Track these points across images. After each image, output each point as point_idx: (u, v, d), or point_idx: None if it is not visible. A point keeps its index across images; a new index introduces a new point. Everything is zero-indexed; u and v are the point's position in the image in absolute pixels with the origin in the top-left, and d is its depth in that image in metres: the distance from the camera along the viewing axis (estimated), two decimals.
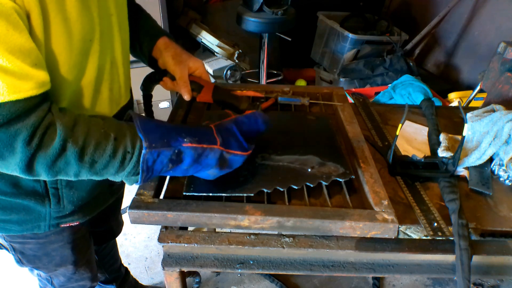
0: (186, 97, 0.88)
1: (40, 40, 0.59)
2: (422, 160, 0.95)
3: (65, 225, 0.88)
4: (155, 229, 2.01)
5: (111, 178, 0.69)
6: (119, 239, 1.63)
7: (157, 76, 0.92)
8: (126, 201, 1.02)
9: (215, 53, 2.43)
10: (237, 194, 0.78)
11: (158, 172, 0.67)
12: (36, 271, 1.05)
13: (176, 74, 0.88)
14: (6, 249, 0.95)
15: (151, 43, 0.92)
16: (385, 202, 0.77)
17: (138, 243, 1.96)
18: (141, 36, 0.93)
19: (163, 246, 0.82)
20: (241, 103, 0.88)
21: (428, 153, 1.04)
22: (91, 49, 0.70)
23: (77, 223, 0.90)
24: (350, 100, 1.33)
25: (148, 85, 0.95)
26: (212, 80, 2.45)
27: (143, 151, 0.63)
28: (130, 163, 0.65)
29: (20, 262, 0.97)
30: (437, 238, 0.79)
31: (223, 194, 0.78)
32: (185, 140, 0.66)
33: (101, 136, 0.63)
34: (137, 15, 0.95)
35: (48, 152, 0.59)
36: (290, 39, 2.56)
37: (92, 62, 0.72)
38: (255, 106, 0.84)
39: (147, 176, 0.67)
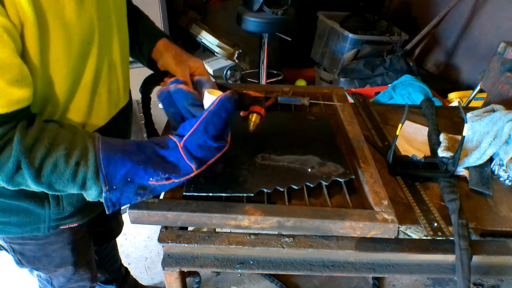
0: None
1: (33, 51, 0.58)
2: (422, 160, 0.95)
3: (64, 227, 0.88)
4: (155, 229, 2.01)
5: None
6: (119, 239, 1.63)
7: (158, 77, 0.91)
8: None
9: (215, 53, 2.43)
10: (237, 194, 0.78)
11: (128, 202, 0.67)
12: (36, 272, 1.05)
13: (178, 74, 0.88)
14: (6, 250, 0.95)
15: (151, 44, 0.92)
16: (385, 202, 0.77)
17: (138, 243, 1.96)
18: (140, 38, 0.93)
19: (163, 246, 0.82)
20: (245, 99, 0.87)
21: (428, 153, 1.04)
22: (89, 52, 0.70)
23: (76, 225, 0.90)
24: (350, 100, 1.33)
25: (148, 87, 0.94)
26: (212, 80, 2.44)
27: (104, 194, 0.62)
28: (92, 190, 0.64)
29: (19, 263, 0.97)
30: (437, 238, 0.79)
31: (223, 194, 0.78)
32: (151, 179, 0.64)
33: (61, 158, 0.60)
34: (135, 17, 0.95)
35: (4, 169, 0.59)
36: (290, 39, 2.55)
37: (90, 64, 0.71)
38: (258, 101, 0.84)
39: (115, 208, 0.66)
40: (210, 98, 0.71)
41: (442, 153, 0.97)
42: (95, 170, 0.62)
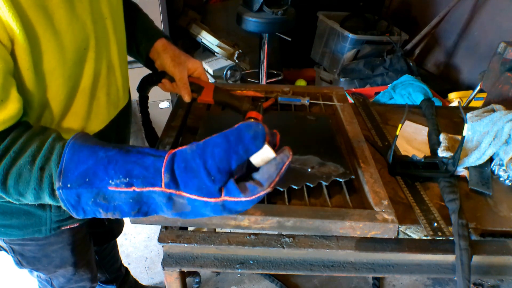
0: (186, 98, 0.87)
1: (26, 65, 0.57)
2: (422, 160, 0.95)
3: (65, 227, 0.88)
4: (155, 229, 2.01)
5: None
6: (119, 239, 1.62)
7: (155, 77, 0.90)
8: None
9: (215, 53, 2.43)
10: None
11: (97, 214, 0.54)
12: (35, 273, 1.05)
13: (176, 76, 0.87)
14: (6, 251, 0.95)
15: (149, 44, 0.90)
16: (385, 202, 0.77)
17: (138, 243, 1.96)
18: (138, 37, 0.92)
19: (163, 246, 0.82)
20: (243, 103, 0.87)
21: (428, 153, 1.04)
22: (86, 57, 0.69)
23: (77, 224, 0.90)
24: (350, 100, 1.33)
25: (145, 86, 0.94)
26: (212, 80, 2.45)
27: (57, 191, 0.52)
28: (59, 196, 0.53)
29: (19, 264, 0.97)
30: (437, 238, 0.79)
31: None
32: (111, 182, 0.50)
33: (25, 165, 0.54)
34: (133, 14, 0.93)
35: None
36: (290, 39, 2.56)
37: (87, 70, 0.70)
38: (256, 107, 0.84)
39: (78, 213, 0.54)
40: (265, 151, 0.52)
41: (442, 153, 0.97)
42: (56, 169, 0.53)
